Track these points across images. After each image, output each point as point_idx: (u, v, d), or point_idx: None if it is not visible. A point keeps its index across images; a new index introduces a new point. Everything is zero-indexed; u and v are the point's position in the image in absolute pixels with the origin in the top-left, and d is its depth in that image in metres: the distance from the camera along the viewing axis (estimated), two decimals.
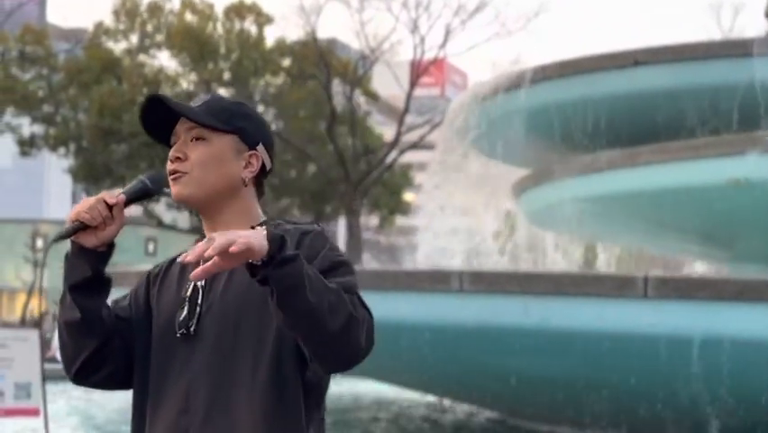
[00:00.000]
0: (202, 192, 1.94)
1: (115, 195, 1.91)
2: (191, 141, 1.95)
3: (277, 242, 1.70)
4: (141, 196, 1.95)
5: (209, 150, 1.94)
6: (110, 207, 1.89)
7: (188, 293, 1.94)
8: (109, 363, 1.96)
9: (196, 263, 1.75)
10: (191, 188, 1.93)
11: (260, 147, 2.00)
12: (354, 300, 1.79)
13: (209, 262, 1.69)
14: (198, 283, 1.94)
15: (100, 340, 1.94)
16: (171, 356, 1.92)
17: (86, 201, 1.89)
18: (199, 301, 1.92)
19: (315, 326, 1.73)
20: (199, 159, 1.93)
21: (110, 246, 1.92)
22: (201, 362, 1.89)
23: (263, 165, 2.01)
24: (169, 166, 1.94)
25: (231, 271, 1.86)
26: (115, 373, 1.98)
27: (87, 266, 1.91)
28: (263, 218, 2.00)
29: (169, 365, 1.92)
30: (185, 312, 1.92)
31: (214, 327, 1.90)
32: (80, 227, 1.87)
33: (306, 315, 1.72)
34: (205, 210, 1.98)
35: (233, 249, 1.65)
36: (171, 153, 1.94)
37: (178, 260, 1.83)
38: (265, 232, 1.70)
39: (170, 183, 1.95)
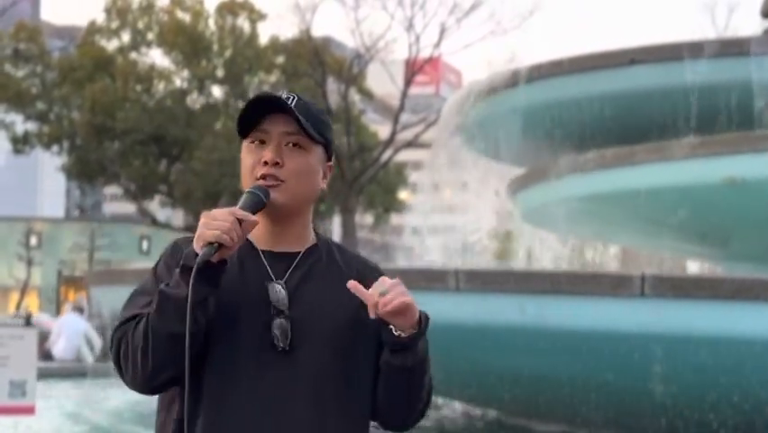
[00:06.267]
0: (294, 202, 1.92)
1: (242, 213, 1.82)
2: (286, 145, 1.91)
3: (425, 316, 1.88)
4: (259, 209, 1.88)
5: (306, 160, 1.92)
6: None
7: (279, 301, 1.88)
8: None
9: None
10: (286, 197, 1.90)
11: (333, 157, 2.01)
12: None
13: (368, 296, 1.80)
14: (279, 288, 1.88)
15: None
16: (245, 364, 1.85)
17: (219, 222, 1.79)
18: (285, 312, 1.87)
19: (417, 395, 1.94)
20: (297, 169, 1.91)
21: (224, 262, 1.84)
22: (291, 377, 1.85)
23: None
24: (265, 170, 1.89)
25: (318, 285, 1.91)
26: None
27: (213, 281, 1.82)
28: (312, 231, 2.00)
29: (240, 374, 1.85)
30: (282, 323, 1.86)
31: (306, 343, 1.87)
32: (218, 249, 1.80)
33: (419, 384, 1.93)
34: (284, 219, 1.94)
35: (409, 311, 1.81)
36: (269, 157, 1.89)
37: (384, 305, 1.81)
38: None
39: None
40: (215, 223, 1.79)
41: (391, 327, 1.83)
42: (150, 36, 36.13)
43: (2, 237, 40.45)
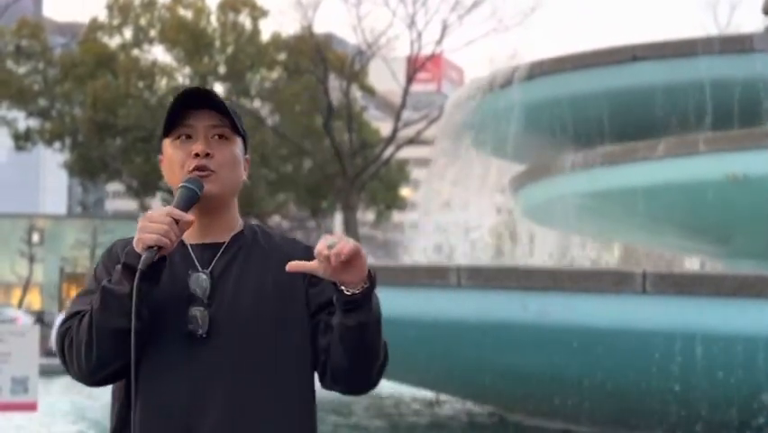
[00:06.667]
0: (225, 191, 1.97)
1: (179, 213, 1.86)
2: (212, 138, 1.97)
3: (373, 270, 1.83)
4: (194, 204, 1.93)
5: (232, 150, 1.99)
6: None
7: (200, 290, 1.91)
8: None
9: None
10: (218, 187, 1.95)
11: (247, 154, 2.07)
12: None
13: (315, 263, 1.78)
14: (203, 277, 1.92)
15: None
16: (173, 353, 1.89)
17: (156, 224, 1.84)
18: (207, 299, 1.91)
19: (375, 352, 1.89)
20: (226, 159, 1.97)
21: (164, 258, 1.88)
22: (214, 363, 1.87)
23: None
24: (198, 162, 1.94)
25: (240, 269, 1.94)
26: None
27: (155, 279, 1.87)
28: (240, 220, 2.04)
29: (169, 363, 1.88)
30: (198, 311, 1.90)
31: (228, 328, 1.89)
32: (158, 251, 1.84)
33: (377, 341, 1.88)
34: (213, 210, 1.98)
35: (360, 258, 1.76)
36: (200, 148, 1.94)
37: (324, 251, 1.77)
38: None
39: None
40: (153, 226, 1.84)
41: (342, 287, 1.83)
42: (152, 33, 36.12)
43: (4, 234, 40.51)
